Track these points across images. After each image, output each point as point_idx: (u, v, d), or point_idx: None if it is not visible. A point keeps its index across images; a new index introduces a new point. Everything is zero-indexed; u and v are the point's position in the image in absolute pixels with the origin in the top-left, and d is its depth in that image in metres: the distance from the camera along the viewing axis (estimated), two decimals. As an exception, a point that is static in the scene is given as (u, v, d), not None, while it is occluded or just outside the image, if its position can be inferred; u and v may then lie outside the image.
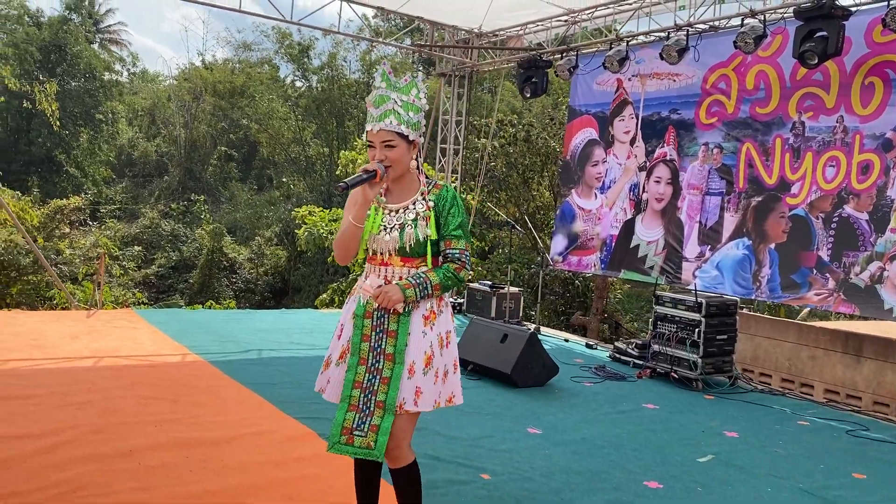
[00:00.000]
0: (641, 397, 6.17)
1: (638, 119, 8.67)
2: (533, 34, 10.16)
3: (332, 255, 2.92)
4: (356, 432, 2.60)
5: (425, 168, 3.15)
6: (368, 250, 2.73)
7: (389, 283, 2.66)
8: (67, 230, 20.30)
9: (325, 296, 17.31)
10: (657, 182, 8.37)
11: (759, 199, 7.34)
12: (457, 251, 2.70)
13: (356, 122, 27.53)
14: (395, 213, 2.70)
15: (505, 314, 9.29)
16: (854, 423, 5.78)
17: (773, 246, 7.18)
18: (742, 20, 6.97)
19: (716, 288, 7.54)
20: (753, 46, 6.82)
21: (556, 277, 16.55)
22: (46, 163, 28.83)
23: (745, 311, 8.25)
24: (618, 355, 7.69)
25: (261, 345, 7.29)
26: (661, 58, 7.64)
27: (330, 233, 16.42)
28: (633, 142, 8.73)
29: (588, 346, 8.65)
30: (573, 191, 9.52)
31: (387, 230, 2.68)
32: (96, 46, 33.37)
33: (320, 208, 18.21)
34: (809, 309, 11.73)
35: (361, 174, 2.54)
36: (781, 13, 6.96)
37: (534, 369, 6.25)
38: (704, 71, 7.85)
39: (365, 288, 2.69)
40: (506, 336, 6.40)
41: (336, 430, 2.62)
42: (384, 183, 2.65)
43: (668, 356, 6.84)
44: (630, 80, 8.74)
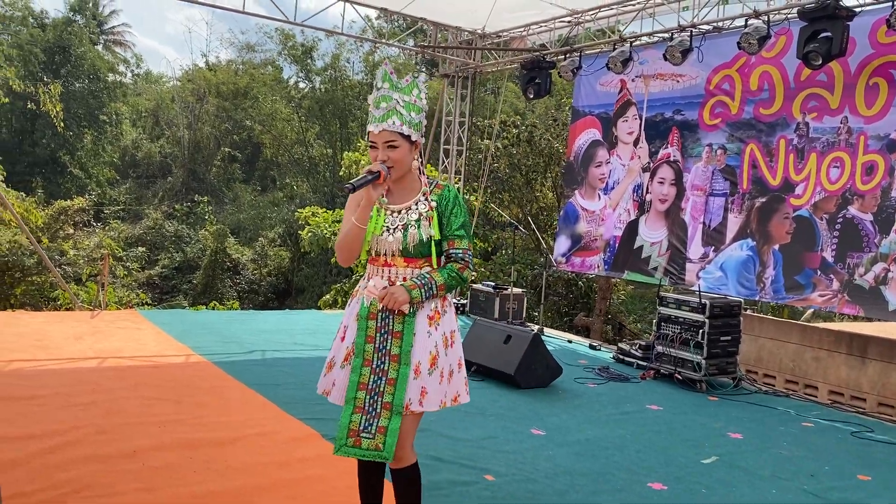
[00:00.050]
0: (645, 398, 6.16)
1: (641, 120, 8.66)
2: (536, 35, 10.16)
3: (335, 256, 2.90)
4: (363, 434, 2.59)
5: (428, 169, 3.15)
6: (371, 251, 2.72)
7: (394, 283, 2.66)
8: (71, 231, 20.33)
9: (328, 297, 17.32)
10: (661, 183, 8.36)
11: (763, 200, 7.33)
12: (460, 251, 2.71)
13: (359, 123, 27.53)
14: (398, 213, 2.70)
15: (508, 315, 9.28)
16: (859, 425, 5.77)
17: (776, 247, 7.17)
18: (746, 21, 6.96)
19: (719, 289, 7.52)
20: (757, 47, 6.81)
21: (560, 278, 16.54)
22: (50, 164, 28.89)
23: (749, 312, 8.23)
24: (621, 356, 7.68)
25: (264, 346, 7.30)
26: (665, 59, 7.63)
27: (333, 233, 16.42)
28: (636, 143, 8.72)
29: (591, 347, 8.64)
30: (576, 192, 9.52)
31: (390, 231, 2.67)
32: (100, 48, 33.44)
33: (323, 209, 18.21)
34: (813, 310, 11.70)
35: (366, 175, 2.54)
36: (785, 14, 6.95)
37: (537, 370, 6.24)
38: (708, 72, 7.84)
39: (370, 290, 2.67)
40: (509, 337, 6.40)
41: (342, 433, 2.61)
42: (387, 184, 2.65)
43: (671, 357, 6.83)
44: (633, 80, 8.73)
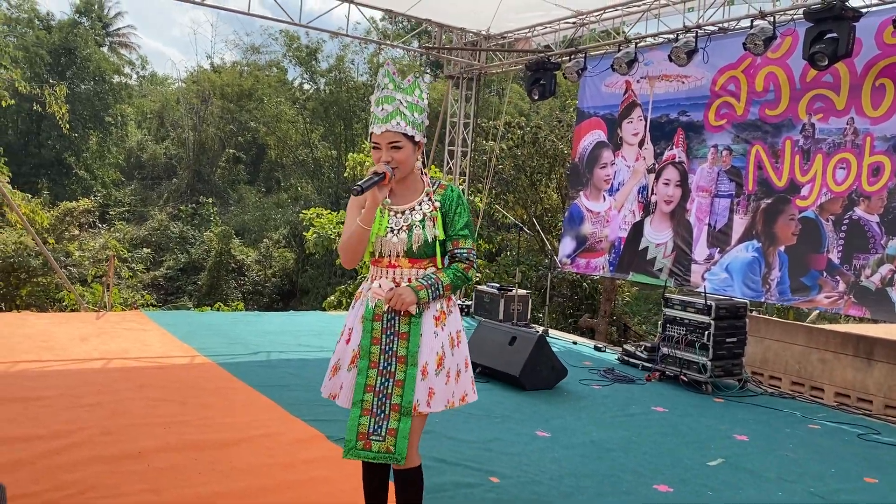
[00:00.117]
0: (650, 400, 6.15)
1: (646, 121, 8.65)
2: (541, 36, 10.16)
3: (339, 257, 2.89)
4: (373, 437, 2.59)
5: (432, 171, 3.15)
6: (374, 253, 2.72)
7: (399, 284, 2.65)
8: (77, 232, 20.37)
9: (332, 298, 17.31)
10: (666, 184, 8.35)
11: (769, 201, 7.30)
12: (464, 251, 2.71)
13: (364, 124, 27.53)
14: (401, 214, 2.69)
15: (513, 316, 9.27)
16: (865, 427, 5.74)
17: (782, 248, 7.15)
18: (751, 22, 6.95)
19: (725, 290, 7.50)
20: (763, 48, 6.79)
21: (564, 280, 16.51)
22: (56, 165, 28.98)
23: (755, 313, 8.20)
24: (626, 358, 7.67)
25: (269, 347, 7.30)
26: (670, 59, 7.62)
27: (338, 235, 16.42)
28: (641, 144, 8.71)
29: (596, 348, 8.62)
30: (581, 193, 9.51)
31: (394, 232, 2.66)
32: (106, 50, 33.53)
33: (328, 210, 18.21)
34: (818, 312, 11.66)
35: (372, 176, 2.53)
36: (791, 14, 6.94)
37: (542, 372, 6.23)
38: (713, 73, 7.82)
39: (376, 291, 2.66)
40: (514, 338, 6.38)
41: (351, 436, 2.60)
42: (392, 185, 2.64)
43: (677, 359, 6.81)
44: (638, 81, 8.72)
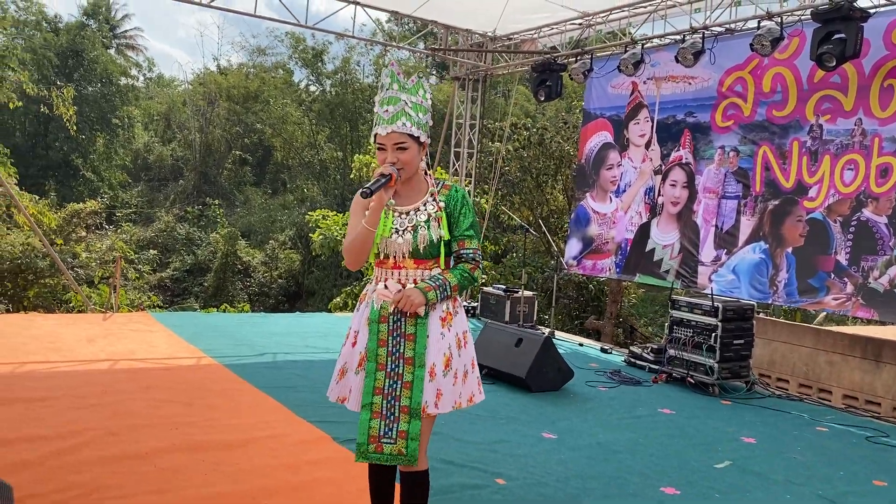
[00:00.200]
0: (657, 402, 6.13)
1: (653, 122, 8.63)
2: (547, 37, 10.15)
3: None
4: (384, 440, 2.58)
5: (438, 172, 3.15)
6: (379, 254, 2.70)
7: (404, 286, 2.64)
8: (84, 234, 20.44)
9: (338, 299, 17.33)
10: (673, 185, 8.33)
11: (776, 202, 7.28)
12: (470, 251, 2.70)
13: (369, 125, 27.42)
14: (406, 215, 2.68)
15: (519, 318, 9.25)
16: (874, 430, 5.71)
17: (790, 250, 7.11)
18: (758, 22, 6.93)
19: (732, 292, 7.48)
20: (770, 49, 6.77)
21: (570, 281, 16.48)
22: (63, 167, 29.08)
23: (762, 315, 8.17)
24: (633, 360, 7.65)
25: (275, 348, 7.31)
26: (677, 60, 7.60)
27: (343, 236, 16.41)
28: (648, 145, 8.68)
29: (603, 350, 8.60)
30: (588, 194, 9.49)
31: (399, 233, 2.65)
32: (113, 52, 33.65)
33: (334, 212, 18.25)
34: (826, 314, 11.60)
35: (379, 178, 2.53)
36: (798, 15, 6.90)
37: (548, 374, 6.21)
38: (720, 74, 7.80)
39: (383, 293, 2.65)
40: (520, 340, 6.37)
41: (363, 439, 2.59)
42: (397, 186, 2.64)
43: (684, 361, 6.79)
44: (645, 83, 8.70)
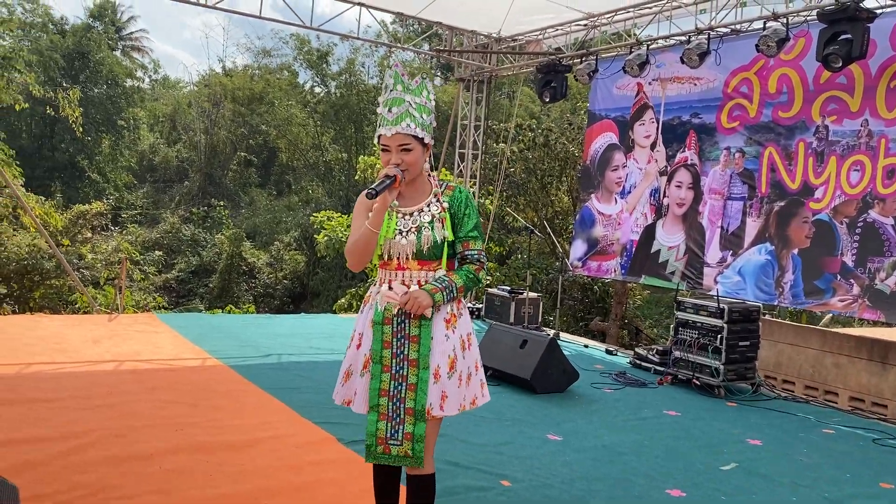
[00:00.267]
0: (662, 404, 6.11)
1: (658, 123, 8.61)
2: (552, 38, 10.14)
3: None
4: (391, 441, 2.59)
5: (443, 173, 3.14)
6: (383, 255, 2.70)
7: (409, 287, 2.64)
8: (89, 235, 20.47)
9: (343, 301, 17.34)
10: (678, 187, 8.31)
11: (782, 203, 7.25)
12: (475, 252, 2.69)
13: (374, 127, 27.42)
14: (410, 216, 2.68)
15: (524, 320, 9.25)
16: (880, 432, 5.68)
17: (796, 251, 7.09)
18: (764, 23, 6.91)
19: (738, 294, 7.45)
20: (776, 50, 6.75)
21: (575, 283, 16.46)
22: (69, 168, 29.18)
23: (768, 316, 8.14)
24: (638, 361, 7.63)
25: (280, 349, 7.31)
26: (682, 62, 7.59)
27: (348, 238, 16.41)
28: (653, 146, 8.67)
29: (608, 352, 8.58)
30: (593, 196, 9.47)
31: (402, 234, 2.65)
32: (118, 53, 33.78)
33: (339, 213, 18.27)
34: (832, 315, 11.56)
35: (384, 179, 2.52)
36: (804, 16, 6.89)
37: (553, 375, 6.20)
38: (726, 75, 7.78)
39: (390, 296, 2.63)
40: (525, 342, 6.36)
41: (371, 441, 2.61)
42: (402, 187, 2.63)
43: (689, 362, 6.77)
44: (650, 84, 8.69)
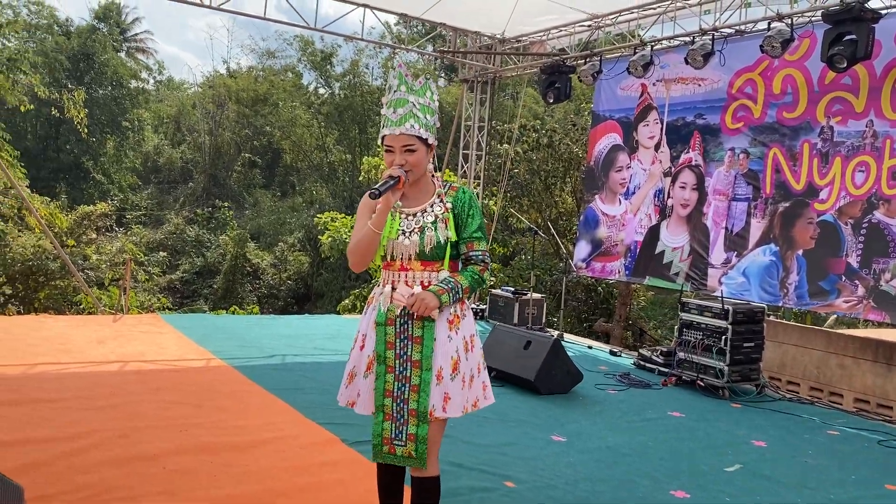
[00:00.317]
0: (667, 405, 6.10)
1: (663, 124, 8.60)
2: (556, 39, 10.14)
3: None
4: (395, 442, 2.60)
5: (447, 174, 3.14)
6: (386, 256, 2.69)
7: (411, 287, 2.63)
8: (94, 236, 20.54)
9: (347, 301, 17.36)
10: (682, 188, 8.29)
11: (787, 204, 7.24)
12: (479, 253, 2.69)
13: (378, 128, 27.45)
14: (413, 216, 2.67)
15: (528, 320, 9.24)
16: (886, 434, 5.66)
17: (800, 252, 7.07)
18: (768, 24, 6.90)
19: (742, 295, 7.44)
20: (780, 50, 6.73)
21: (579, 284, 16.44)
22: (74, 169, 29.26)
23: (772, 318, 8.13)
24: (642, 363, 7.61)
25: (284, 350, 7.32)
26: (686, 62, 7.58)
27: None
28: (657, 147, 8.66)
29: (612, 353, 8.57)
30: (597, 196, 9.46)
31: (405, 234, 2.65)
32: (123, 55, 33.87)
33: (342, 214, 18.28)
34: (836, 316, 11.53)
35: (388, 180, 2.53)
36: (809, 16, 6.87)
37: (557, 376, 6.19)
38: (730, 75, 7.77)
39: (397, 298, 2.63)
40: (529, 343, 6.35)
41: (377, 441, 2.63)
42: (405, 188, 2.63)
43: (693, 364, 6.76)
44: (654, 84, 8.67)
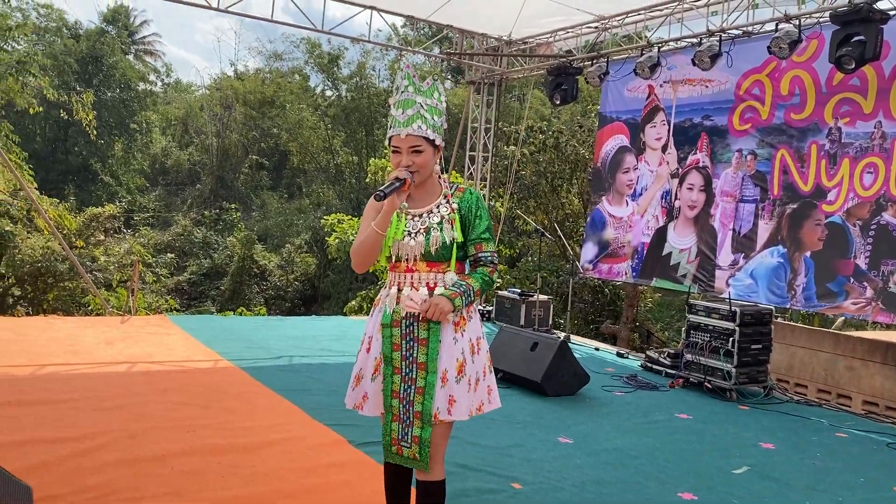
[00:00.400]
0: (674, 407, 6.08)
1: (670, 125, 8.58)
2: (563, 41, 10.13)
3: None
4: (402, 443, 2.61)
5: (453, 176, 3.14)
6: (392, 257, 2.67)
7: (417, 289, 2.62)
8: (102, 238, 20.64)
9: (353, 303, 17.38)
10: (690, 189, 8.28)
11: (794, 206, 7.21)
12: (488, 254, 2.68)
13: (385, 130, 27.52)
14: (419, 217, 2.66)
15: (534, 322, 9.23)
16: (894, 436, 5.64)
17: (808, 254, 7.05)
18: (776, 25, 6.88)
19: (750, 296, 7.41)
20: (788, 52, 6.72)
21: (586, 285, 16.42)
22: (82, 171, 29.42)
23: (780, 319, 8.10)
24: (649, 364, 7.60)
25: (291, 351, 7.33)
26: (694, 64, 7.56)
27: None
28: (664, 148, 8.64)
29: (619, 354, 8.56)
30: (604, 198, 9.45)
31: (411, 235, 2.63)
32: (131, 57, 34.01)
33: (349, 216, 18.31)
34: (844, 318, 11.48)
35: (394, 182, 2.52)
36: (817, 17, 6.85)
37: (564, 378, 6.19)
38: (738, 77, 7.75)
39: (409, 304, 2.61)
40: (536, 344, 6.35)
41: (387, 441, 2.65)
42: (411, 190, 2.62)
43: (701, 366, 6.74)
44: (661, 86, 8.66)
